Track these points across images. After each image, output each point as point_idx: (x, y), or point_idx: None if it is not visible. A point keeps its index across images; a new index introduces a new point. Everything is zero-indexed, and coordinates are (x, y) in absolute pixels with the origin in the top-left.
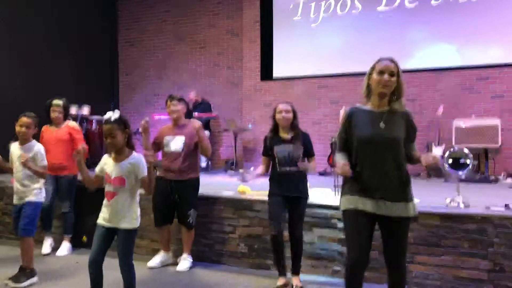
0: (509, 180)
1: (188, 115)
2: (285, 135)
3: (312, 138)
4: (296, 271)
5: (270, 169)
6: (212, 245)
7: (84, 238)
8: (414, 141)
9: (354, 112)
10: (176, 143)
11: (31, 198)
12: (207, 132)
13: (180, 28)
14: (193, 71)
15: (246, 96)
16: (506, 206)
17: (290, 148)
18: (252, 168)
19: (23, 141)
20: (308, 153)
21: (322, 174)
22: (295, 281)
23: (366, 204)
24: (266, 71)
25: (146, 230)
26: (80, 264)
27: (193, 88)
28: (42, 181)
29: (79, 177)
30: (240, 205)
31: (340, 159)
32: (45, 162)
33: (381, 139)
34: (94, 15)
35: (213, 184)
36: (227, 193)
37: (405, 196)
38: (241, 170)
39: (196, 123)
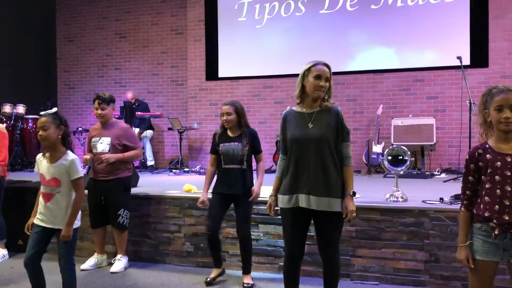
0: (443, 175)
1: (131, 115)
2: (232, 133)
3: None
4: (245, 271)
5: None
6: (157, 245)
7: (20, 242)
8: (346, 141)
9: (287, 115)
10: (102, 144)
11: None
12: (150, 132)
13: (122, 25)
14: (136, 69)
15: (192, 95)
16: (441, 199)
17: (234, 146)
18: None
19: None
20: (255, 150)
21: (268, 171)
22: (245, 279)
23: (297, 200)
24: (212, 71)
25: (86, 232)
26: (15, 269)
27: (137, 87)
28: None
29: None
30: (186, 204)
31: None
32: None
33: (307, 139)
34: (29, 8)
35: (158, 183)
36: (173, 192)
37: (331, 192)
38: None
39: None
